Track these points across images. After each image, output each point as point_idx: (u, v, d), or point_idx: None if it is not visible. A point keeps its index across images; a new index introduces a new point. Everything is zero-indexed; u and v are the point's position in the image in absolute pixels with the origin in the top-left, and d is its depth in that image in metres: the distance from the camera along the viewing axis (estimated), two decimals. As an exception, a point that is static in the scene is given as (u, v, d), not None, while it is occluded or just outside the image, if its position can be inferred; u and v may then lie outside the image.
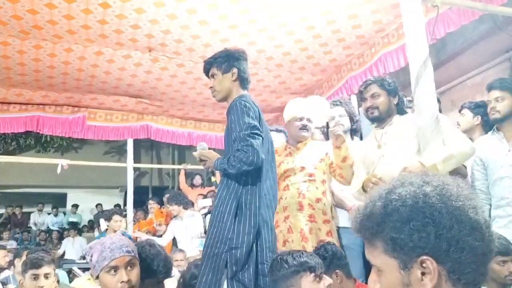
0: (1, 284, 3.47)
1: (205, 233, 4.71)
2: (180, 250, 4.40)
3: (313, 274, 1.75)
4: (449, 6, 2.98)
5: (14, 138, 10.75)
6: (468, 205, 0.82)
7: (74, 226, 9.48)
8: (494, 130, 2.73)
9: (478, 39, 4.30)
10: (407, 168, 2.19)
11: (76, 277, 4.90)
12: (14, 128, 5.25)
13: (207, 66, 2.42)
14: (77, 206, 11.44)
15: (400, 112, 2.56)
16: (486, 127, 2.93)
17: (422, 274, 0.80)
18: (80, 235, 9.04)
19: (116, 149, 11.40)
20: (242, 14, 3.37)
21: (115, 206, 10.86)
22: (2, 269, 3.93)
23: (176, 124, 6.16)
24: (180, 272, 3.23)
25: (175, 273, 3.25)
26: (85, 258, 1.96)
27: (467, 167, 2.84)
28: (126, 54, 4.04)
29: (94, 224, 9.54)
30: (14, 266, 3.63)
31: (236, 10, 3.31)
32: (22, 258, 3.27)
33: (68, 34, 3.62)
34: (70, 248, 8.34)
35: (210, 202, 5.75)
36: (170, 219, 5.51)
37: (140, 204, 8.05)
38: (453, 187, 0.84)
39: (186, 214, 5.13)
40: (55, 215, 11.12)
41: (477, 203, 0.84)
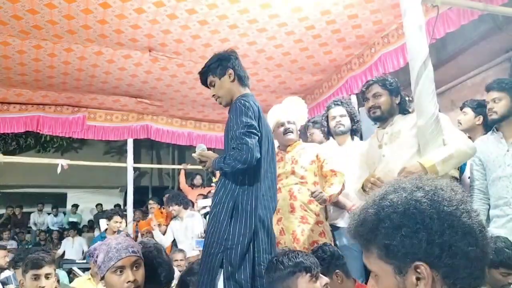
0: (1, 284, 3.46)
1: (205, 233, 4.70)
2: (180, 250, 4.40)
3: (309, 274, 1.74)
4: (449, 6, 2.98)
5: (14, 138, 10.75)
6: (461, 209, 0.82)
7: (74, 226, 9.47)
8: (493, 130, 2.73)
9: (478, 39, 4.30)
10: (406, 168, 2.19)
11: (76, 277, 4.90)
12: (14, 128, 5.26)
13: (203, 77, 2.42)
14: (77, 206, 11.43)
15: (402, 111, 2.57)
16: (487, 127, 2.92)
17: (417, 279, 0.80)
18: (80, 235, 9.03)
19: (116, 149, 11.40)
20: (242, 14, 3.37)
21: (115, 206, 10.85)
22: (2, 269, 3.93)
23: (176, 124, 6.16)
24: (180, 272, 3.23)
25: (175, 273, 3.25)
26: (85, 258, 1.92)
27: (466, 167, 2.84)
28: (126, 54, 4.04)
29: (94, 224, 9.54)
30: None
31: (236, 10, 3.32)
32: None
33: (68, 34, 3.62)
34: (70, 248, 8.33)
35: (210, 202, 5.74)
36: (170, 220, 5.51)
37: (140, 204, 8.05)
38: (445, 192, 0.84)
39: (186, 214, 5.13)
40: (55, 215, 11.11)
41: (470, 207, 0.84)
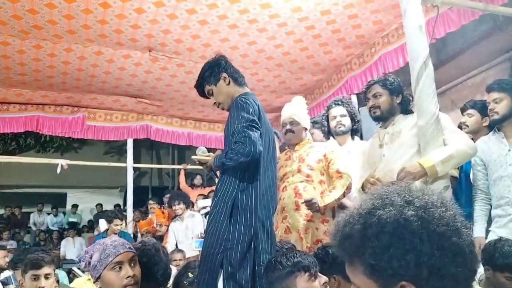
0: (1, 284, 3.46)
1: (205, 233, 4.70)
2: (179, 250, 4.39)
3: (307, 274, 1.74)
4: (449, 6, 2.98)
5: (13, 138, 10.74)
6: (452, 228, 0.78)
7: (74, 226, 9.47)
8: (494, 130, 2.74)
9: (478, 39, 4.30)
10: (406, 168, 2.19)
11: (76, 277, 4.90)
12: (13, 128, 5.26)
13: (200, 89, 2.42)
14: (77, 206, 11.43)
15: (404, 111, 2.56)
16: (490, 128, 2.93)
17: None
18: (79, 236, 9.04)
19: (116, 149, 11.39)
20: (242, 14, 3.37)
21: (115, 206, 10.85)
22: (2, 269, 3.92)
23: (176, 124, 6.16)
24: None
25: (174, 273, 3.25)
26: (80, 261, 1.85)
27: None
28: (126, 54, 4.04)
29: (94, 224, 9.54)
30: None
31: (236, 10, 3.32)
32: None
33: (68, 34, 3.62)
34: (71, 248, 8.34)
35: (210, 202, 5.73)
36: (171, 220, 5.50)
37: (140, 204, 8.04)
38: (436, 209, 0.80)
39: (187, 214, 5.13)
40: (55, 215, 11.10)
41: (460, 224, 0.80)
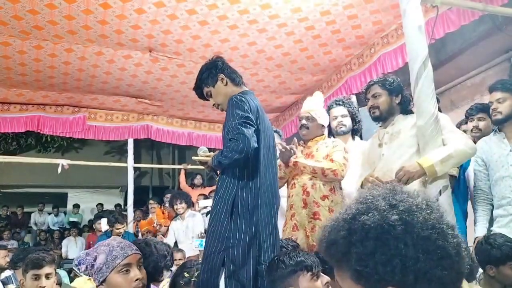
0: (1, 284, 3.47)
1: (205, 232, 4.71)
2: (179, 250, 4.40)
3: (310, 273, 1.75)
4: (448, 6, 2.99)
5: (14, 138, 10.74)
6: (437, 231, 0.78)
7: (75, 226, 9.48)
8: (495, 130, 2.76)
9: (477, 40, 4.30)
10: (405, 168, 2.20)
11: (76, 277, 4.90)
12: (14, 128, 5.27)
13: (198, 91, 2.46)
14: (78, 206, 11.43)
15: (404, 111, 2.57)
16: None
17: None
18: (80, 235, 9.05)
19: (116, 149, 11.39)
20: (242, 14, 3.38)
21: (116, 206, 10.86)
22: (3, 269, 3.93)
23: (176, 124, 6.17)
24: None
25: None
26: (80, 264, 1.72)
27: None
28: (127, 54, 4.05)
29: (94, 224, 9.54)
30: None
31: (236, 10, 3.32)
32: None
33: (68, 35, 3.63)
34: (73, 247, 8.35)
35: (211, 202, 5.72)
36: (171, 221, 5.51)
37: (140, 204, 8.05)
38: (420, 212, 0.80)
39: (187, 214, 5.14)
40: (55, 215, 11.12)
41: (446, 226, 0.80)
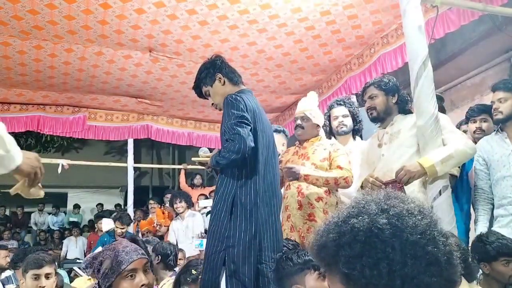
0: (1, 284, 3.47)
1: (205, 232, 4.71)
2: (179, 250, 4.40)
3: (317, 272, 1.75)
4: (448, 6, 2.99)
5: (14, 138, 10.66)
6: (427, 237, 0.78)
7: (76, 225, 9.48)
8: (497, 130, 2.76)
9: (477, 40, 4.31)
10: (405, 167, 2.20)
11: (76, 277, 4.90)
12: (14, 128, 5.26)
13: (197, 90, 2.47)
14: (79, 207, 11.43)
15: (402, 111, 2.57)
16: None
17: None
18: (81, 235, 9.05)
19: (116, 149, 11.40)
20: (242, 14, 3.38)
21: (116, 206, 10.86)
22: (3, 269, 3.93)
23: (176, 124, 6.17)
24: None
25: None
26: (87, 268, 1.69)
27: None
28: (127, 54, 4.05)
29: (95, 224, 9.54)
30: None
31: (236, 10, 3.32)
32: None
33: (68, 35, 3.63)
34: (73, 247, 8.35)
35: (211, 202, 5.74)
36: (171, 221, 5.51)
37: (140, 204, 8.06)
38: (410, 217, 0.79)
39: (187, 214, 5.15)
40: (54, 215, 11.10)
41: (437, 233, 0.79)
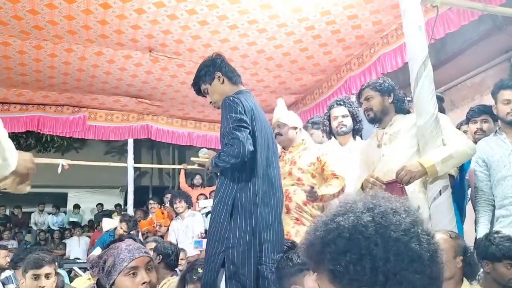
0: (1, 284, 3.47)
1: (205, 233, 4.72)
2: (180, 249, 4.40)
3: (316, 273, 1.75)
4: (448, 6, 2.99)
5: (14, 138, 10.74)
6: (410, 234, 0.79)
7: (75, 225, 9.48)
8: (496, 131, 2.76)
9: (477, 40, 4.31)
10: (406, 167, 2.20)
11: (76, 277, 4.91)
12: (14, 128, 5.26)
13: (196, 88, 2.48)
14: (79, 207, 11.44)
15: (400, 110, 2.58)
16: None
17: None
18: (82, 235, 9.05)
19: (116, 149, 11.40)
20: (242, 14, 3.38)
21: (116, 206, 10.86)
22: (3, 269, 3.93)
23: (176, 124, 6.17)
24: (180, 271, 3.24)
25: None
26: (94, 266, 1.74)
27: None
28: (127, 54, 4.05)
29: (95, 224, 9.55)
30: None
31: (236, 10, 3.32)
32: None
33: (68, 35, 3.63)
34: (76, 247, 8.35)
35: (211, 202, 5.74)
36: (171, 221, 5.51)
37: (140, 204, 8.06)
38: (395, 215, 0.80)
39: (187, 214, 5.15)
40: (54, 214, 11.10)
41: (421, 231, 0.80)
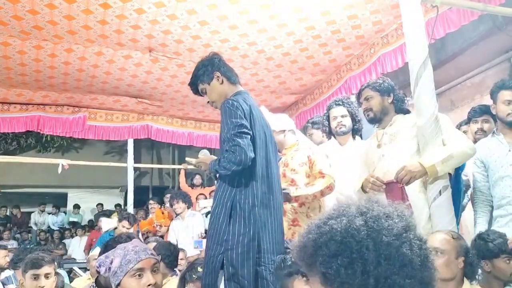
0: (1, 284, 3.47)
1: (205, 233, 4.72)
2: (180, 249, 4.40)
3: (305, 278, 1.75)
4: (448, 6, 2.99)
5: (14, 138, 10.76)
6: (402, 239, 0.79)
7: (75, 225, 9.48)
8: (493, 132, 2.77)
9: (477, 40, 4.31)
10: (406, 167, 2.20)
11: (76, 277, 4.91)
12: (14, 128, 5.26)
13: (193, 87, 2.46)
14: (79, 207, 11.44)
15: (400, 110, 2.58)
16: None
17: None
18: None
19: (116, 149, 11.40)
20: (242, 14, 3.38)
21: (116, 206, 10.86)
22: (3, 269, 3.93)
23: (176, 124, 6.16)
24: (180, 271, 3.24)
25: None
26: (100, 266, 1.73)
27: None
28: (127, 54, 4.05)
29: (95, 224, 9.56)
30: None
31: (236, 10, 3.32)
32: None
33: (68, 35, 3.62)
34: (77, 247, 8.36)
35: (211, 202, 5.73)
36: (171, 221, 5.51)
37: (140, 203, 8.06)
38: (387, 219, 0.81)
39: (187, 214, 5.16)
40: (54, 214, 11.10)
41: (414, 236, 0.80)
